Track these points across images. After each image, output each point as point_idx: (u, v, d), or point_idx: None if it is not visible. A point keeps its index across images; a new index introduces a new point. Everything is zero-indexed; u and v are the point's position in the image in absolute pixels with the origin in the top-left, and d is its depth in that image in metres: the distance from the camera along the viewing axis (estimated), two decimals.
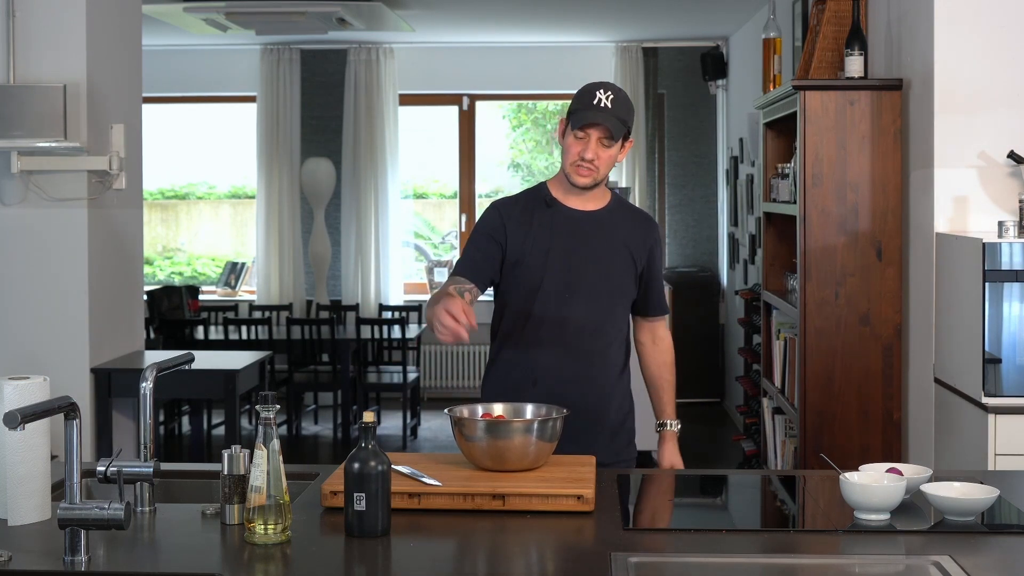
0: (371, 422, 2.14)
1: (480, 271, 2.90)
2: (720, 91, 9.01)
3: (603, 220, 2.94)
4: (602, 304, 2.90)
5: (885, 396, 4.15)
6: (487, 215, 2.97)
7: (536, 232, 2.90)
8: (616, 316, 2.95)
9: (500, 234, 2.90)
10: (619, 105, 2.83)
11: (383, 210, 9.13)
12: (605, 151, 2.84)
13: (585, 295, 2.88)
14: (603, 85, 2.85)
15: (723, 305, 8.95)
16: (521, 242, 2.89)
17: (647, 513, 2.51)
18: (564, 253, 2.89)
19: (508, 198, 3.02)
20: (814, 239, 4.17)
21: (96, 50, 5.05)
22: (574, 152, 2.85)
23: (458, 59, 9.20)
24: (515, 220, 2.91)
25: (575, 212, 2.93)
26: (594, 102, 2.82)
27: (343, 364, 7.59)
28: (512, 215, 2.92)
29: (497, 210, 2.96)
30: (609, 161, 2.86)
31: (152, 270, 9.86)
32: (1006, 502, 2.37)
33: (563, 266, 2.88)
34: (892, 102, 4.15)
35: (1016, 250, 3.41)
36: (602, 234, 2.93)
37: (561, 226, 2.91)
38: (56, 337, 5.00)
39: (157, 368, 2.41)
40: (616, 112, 2.82)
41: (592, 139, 2.83)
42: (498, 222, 2.92)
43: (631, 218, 3.00)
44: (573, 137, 2.85)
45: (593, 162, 2.84)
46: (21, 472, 2.19)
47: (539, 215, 2.92)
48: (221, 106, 9.73)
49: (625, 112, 2.84)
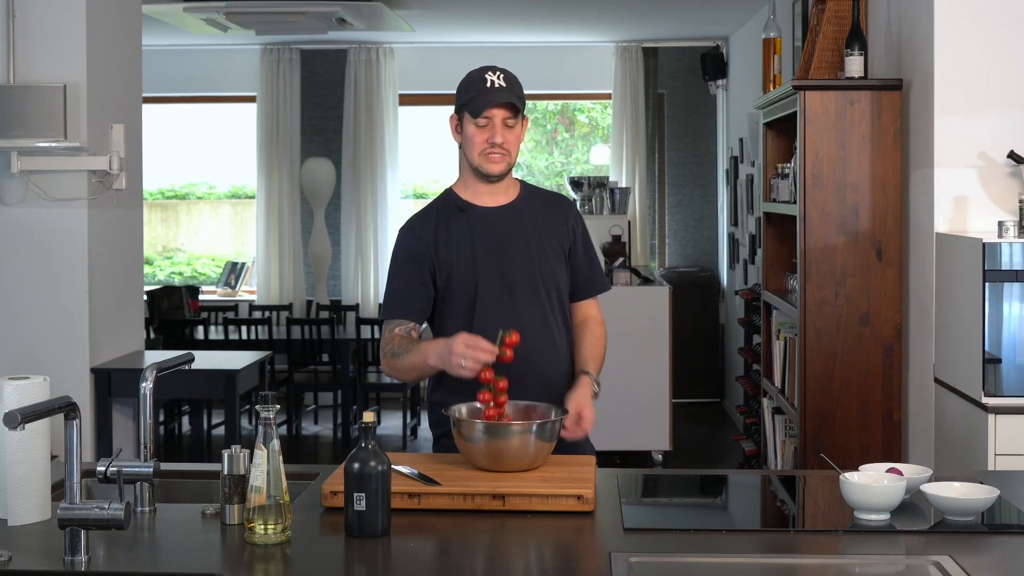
0: (371, 422, 2.14)
1: (416, 304, 2.78)
2: (720, 91, 9.01)
3: (519, 211, 2.85)
4: (540, 296, 2.79)
5: (885, 396, 4.15)
6: (403, 240, 2.84)
7: (457, 241, 2.79)
8: (556, 305, 2.83)
9: (424, 256, 2.79)
10: (512, 83, 2.78)
11: (383, 210, 9.13)
12: (511, 132, 2.77)
13: (523, 292, 2.78)
14: (489, 68, 2.80)
15: (723, 305, 8.95)
16: (446, 256, 2.78)
17: (647, 513, 2.51)
18: (490, 255, 2.79)
19: (417, 216, 2.89)
20: (814, 239, 4.17)
21: (96, 50, 5.04)
22: (480, 141, 2.76)
23: (458, 59, 9.17)
24: (435, 235, 2.80)
25: (489, 211, 2.83)
26: (487, 85, 2.76)
27: (343, 364, 7.59)
28: (428, 230, 2.81)
29: (412, 231, 2.84)
30: (516, 142, 2.80)
31: (152, 270, 9.86)
32: (1006, 502, 2.37)
33: (493, 268, 2.78)
34: (892, 102, 4.15)
35: (1016, 250, 3.41)
36: (522, 226, 2.83)
37: (480, 227, 2.81)
38: (56, 337, 5.00)
39: (157, 368, 2.41)
40: (512, 90, 2.77)
41: (496, 122, 2.75)
42: (418, 244, 2.80)
43: (546, 203, 2.91)
44: (474, 127, 2.77)
45: (503, 145, 2.76)
46: (21, 472, 2.19)
47: (454, 223, 2.81)
48: (221, 106, 9.73)
49: (519, 89, 2.79)
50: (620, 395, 6.25)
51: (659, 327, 6.51)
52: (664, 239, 9.37)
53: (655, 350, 6.51)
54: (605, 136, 9.66)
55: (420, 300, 2.78)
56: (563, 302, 2.87)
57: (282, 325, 8.35)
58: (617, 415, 6.03)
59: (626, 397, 6.39)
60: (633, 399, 6.48)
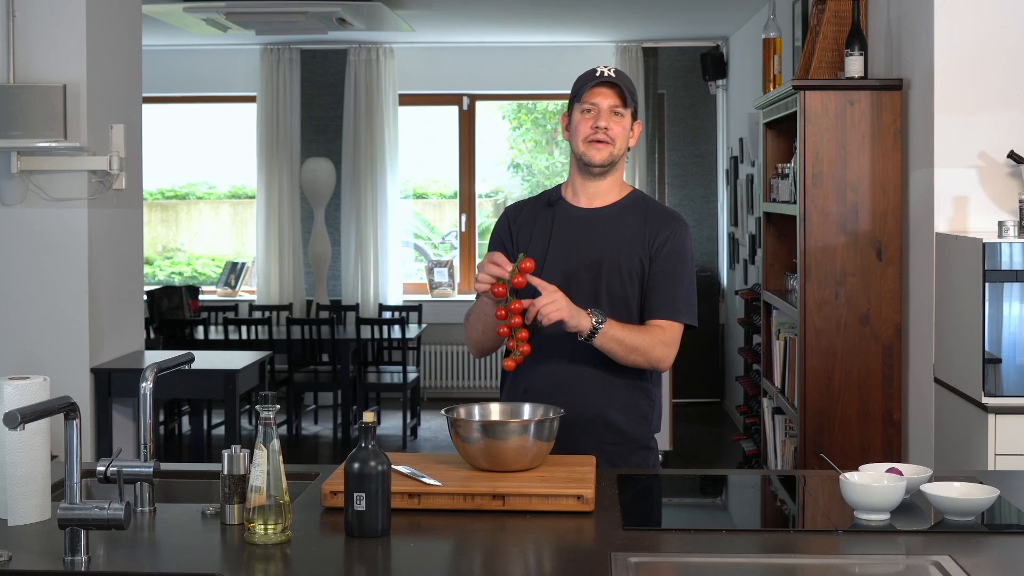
0: (371, 422, 2.14)
1: None
2: (720, 91, 9.01)
3: (609, 217, 2.74)
4: (601, 310, 2.61)
5: (885, 396, 4.15)
6: (499, 220, 2.86)
7: (536, 234, 2.76)
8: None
9: (508, 239, 2.79)
10: (622, 77, 2.71)
11: (383, 210, 9.13)
12: (617, 122, 2.69)
13: (581, 301, 2.61)
14: (602, 65, 2.76)
15: (723, 305, 8.96)
16: (523, 246, 2.75)
17: (647, 513, 2.51)
18: (560, 255, 2.72)
19: (520, 201, 2.89)
20: (814, 239, 4.17)
21: (96, 50, 5.05)
22: (585, 127, 2.69)
23: (458, 59, 9.20)
24: (519, 222, 2.80)
25: (578, 210, 2.76)
26: (596, 74, 2.70)
27: (343, 364, 7.59)
28: (518, 218, 2.81)
29: (506, 214, 2.85)
30: (623, 134, 2.69)
31: (152, 270, 9.86)
32: (1006, 502, 2.37)
33: (557, 270, 2.68)
34: (892, 102, 4.15)
35: (1016, 250, 3.41)
36: (604, 233, 2.72)
37: (560, 226, 2.75)
38: (56, 337, 5.00)
39: (157, 368, 2.41)
40: (620, 80, 2.71)
41: (603, 108, 2.68)
42: (505, 227, 2.82)
43: (646, 215, 2.75)
44: (580, 114, 2.71)
45: (607, 130, 2.67)
46: (21, 472, 2.19)
47: (542, 216, 2.78)
48: (221, 106, 9.73)
49: (630, 84, 2.73)
50: None
51: None
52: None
53: None
54: None
55: None
56: (632, 323, 2.67)
57: (282, 325, 8.36)
58: None
59: None
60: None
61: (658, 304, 2.69)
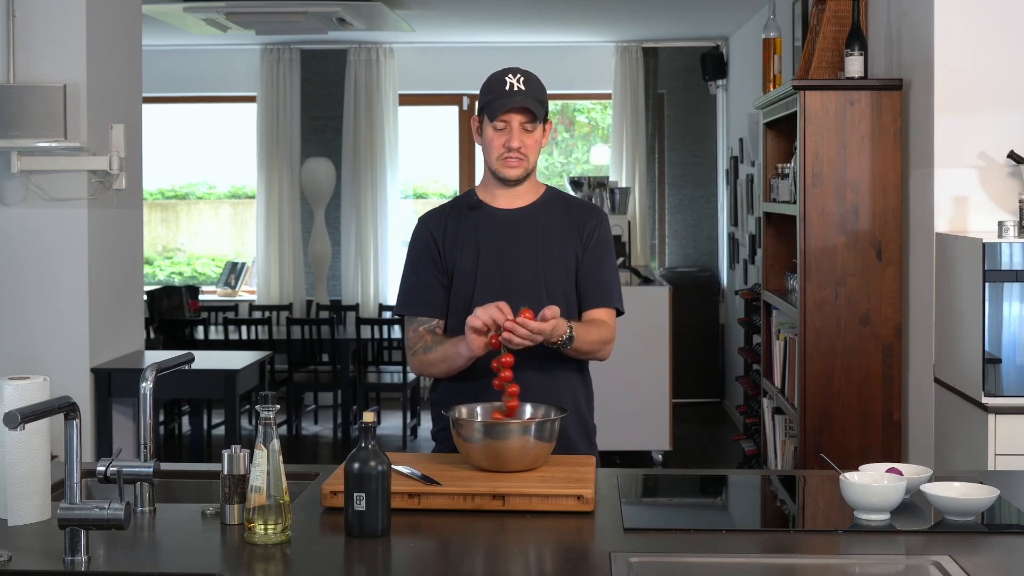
0: (371, 422, 2.14)
1: (436, 300, 2.76)
2: (720, 91, 9.01)
3: (534, 216, 2.78)
4: (542, 307, 2.59)
5: (885, 396, 4.15)
6: (416, 233, 2.82)
7: (462, 240, 2.76)
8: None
9: (434, 251, 2.77)
10: (532, 86, 2.71)
11: (383, 210, 9.14)
12: (529, 136, 2.71)
13: (523, 299, 2.64)
14: (511, 70, 2.73)
15: (723, 305, 8.95)
16: (450, 253, 2.75)
17: (647, 513, 2.51)
18: (493, 258, 2.74)
19: (434, 209, 2.86)
20: (814, 239, 4.17)
21: (96, 50, 5.05)
22: (498, 145, 2.71)
23: (458, 59, 9.20)
24: (442, 230, 2.78)
25: (501, 212, 2.78)
26: (506, 88, 2.70)
27: (343, 364, 7.59)
28: (440, 226, 2.79)
29: (425, 225, 2.82)
30: (535, 147, 2.73)
31: (152, 270, 9.86)
32: (1006, 502, 2.37)
33: (494, 272, 2.72)
34: (892, 102, 4.15)
35: (1016, 250, 3.41)
36: (533, 231, 2.76)
37: (487, 229, 2.76)
38: (56, 337, 5.00)
39: (157, 368, 2.41)
40: (532, 93, 2.70)
41: (514, 126, 2.70)
42: (427, 237, 2.79)
43: (568, 208, 2.81)
44: (492, 130, 2.71)
45: (520, 150, 2.70)
46: (21, 472, 2.19)
47: (464, 222, 2.78)
48: (221, 106, 9.73)
49: (540, 93, 2.73)
50: (620, 395, 6.25)
51: (659, 327, 6.52)
52: (664, 239, 9.38)
53: (655, 350, 6.51)
54: (605, 136, 9.66)
55: (439, 295, 2.77)
56: (570, 315, 2.74)
57: (282, 325, 8.35)
58: (617, 415, 6.02)
59: (626, 397, 6.39)
60: (633, 399, 6.48)
61: (594, 293, 2.79)
